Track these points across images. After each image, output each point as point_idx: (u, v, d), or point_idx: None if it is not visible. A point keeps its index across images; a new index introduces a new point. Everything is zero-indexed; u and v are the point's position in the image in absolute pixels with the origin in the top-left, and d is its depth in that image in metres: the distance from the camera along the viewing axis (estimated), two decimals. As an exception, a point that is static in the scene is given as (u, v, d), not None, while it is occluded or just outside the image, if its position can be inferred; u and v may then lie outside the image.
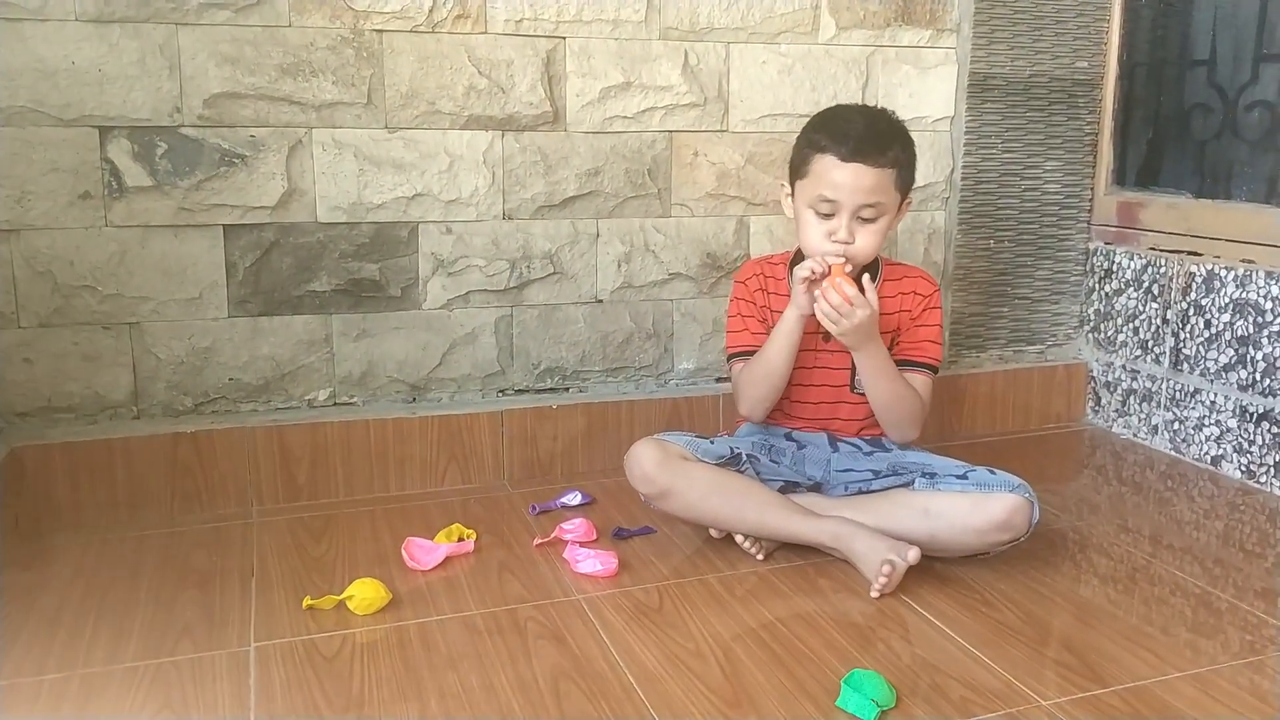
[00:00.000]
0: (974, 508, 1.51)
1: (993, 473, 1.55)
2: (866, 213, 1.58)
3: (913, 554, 1.44)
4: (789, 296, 1.70)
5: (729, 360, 1.74)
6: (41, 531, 1.67)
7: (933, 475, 1.58)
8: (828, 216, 1.59)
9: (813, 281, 1.57)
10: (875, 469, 1.64)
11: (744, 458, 1.62)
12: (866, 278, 1.56)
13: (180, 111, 1.73)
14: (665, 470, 1.56)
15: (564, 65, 1.91)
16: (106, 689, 1.22)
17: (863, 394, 1.69)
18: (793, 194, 1.67)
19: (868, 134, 1.58)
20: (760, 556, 1.58)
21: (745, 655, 1.30)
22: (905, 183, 1.64)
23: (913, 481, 1.58)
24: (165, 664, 1.27)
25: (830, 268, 1.55)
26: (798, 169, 1.64)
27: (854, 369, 1.68)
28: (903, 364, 1.67)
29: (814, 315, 1.58)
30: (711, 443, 1.63)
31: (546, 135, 1.92)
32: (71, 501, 1.71)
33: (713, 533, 1.63)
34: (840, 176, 1.56)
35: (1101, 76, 2.23)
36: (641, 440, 1.61)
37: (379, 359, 1.91)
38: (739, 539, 1.59)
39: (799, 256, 1.74)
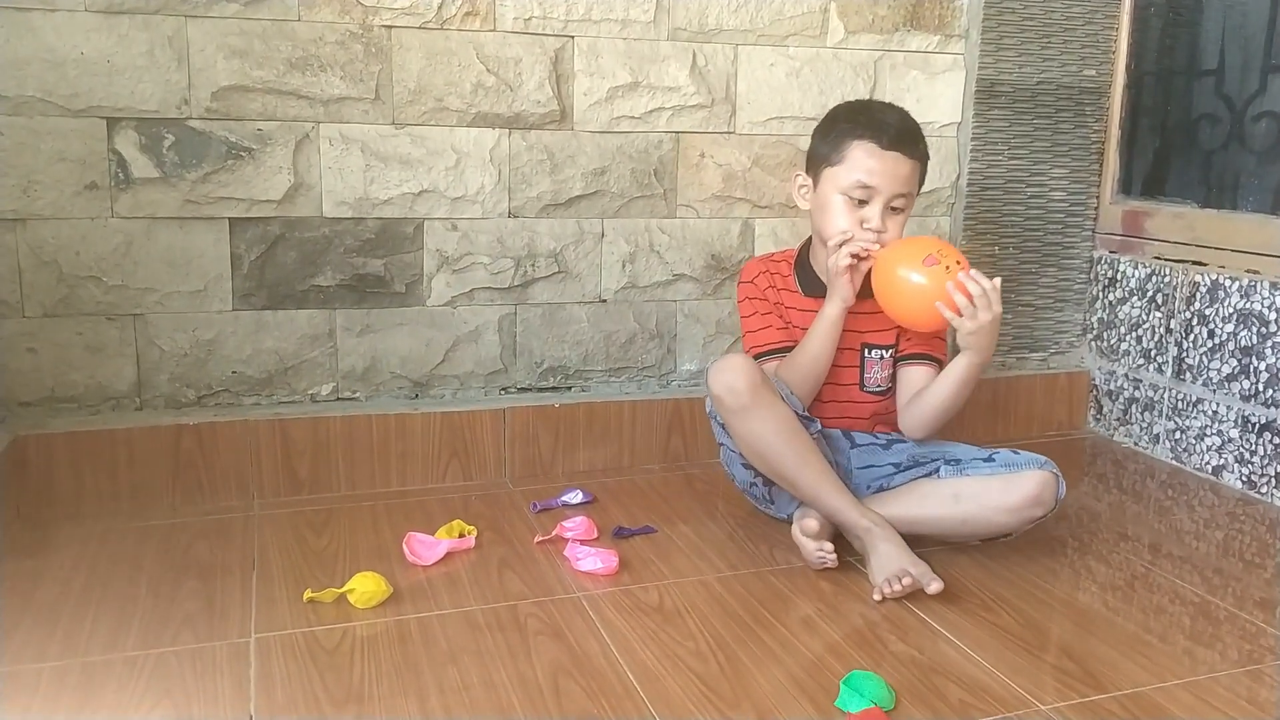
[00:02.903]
0: (1006, 487, 1.53)
1: (1015, 453, 1.57)
2: (898, 202, 1.61)
3: (934, 586, 1.43)
4: (798, 293, 1.70)
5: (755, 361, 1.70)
6: (43, 521, 1.67)
7: (957, 461, 1.58)
8: (860, 204, 1.60)
9: (853, 268, 1.57)
10: (895, 462, 1.64)
11: (819, 424, 1.61)
12: (999, 281, 1.54)
13: (188, 104, 1.73)
14: (757, 390, 1.52)
15: (572, 64, 1.91)
16: (107, 678, 1.22)
17: (873, 393, 1.69)
18: (815, 183, 1.67)
19: (904, 125, 1.63)
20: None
21: (745, 655, 1.30)
22: (922, 180, 1.67)
23: (937, 470, 1.59)
24: (166, 654, 1.27)
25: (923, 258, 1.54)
26: (827, 156, 1.64)
27: (863, 367, 1.68)
28: (919, 357, 1.69)
29: (852, 307, 1.60)
30: (790, 393, 1.61)
31: (553, 134, 1.92)
32: (73, 491, 1.71)
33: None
34: (881, 164, 1.58)
35: (1109, 85, 2.24)
36: (736, 353, 1.59)
37: (382, 354, 1.91)
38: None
39: (804, 254, 1.74)
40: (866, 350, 1.69)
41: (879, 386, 1.71)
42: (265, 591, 1.45)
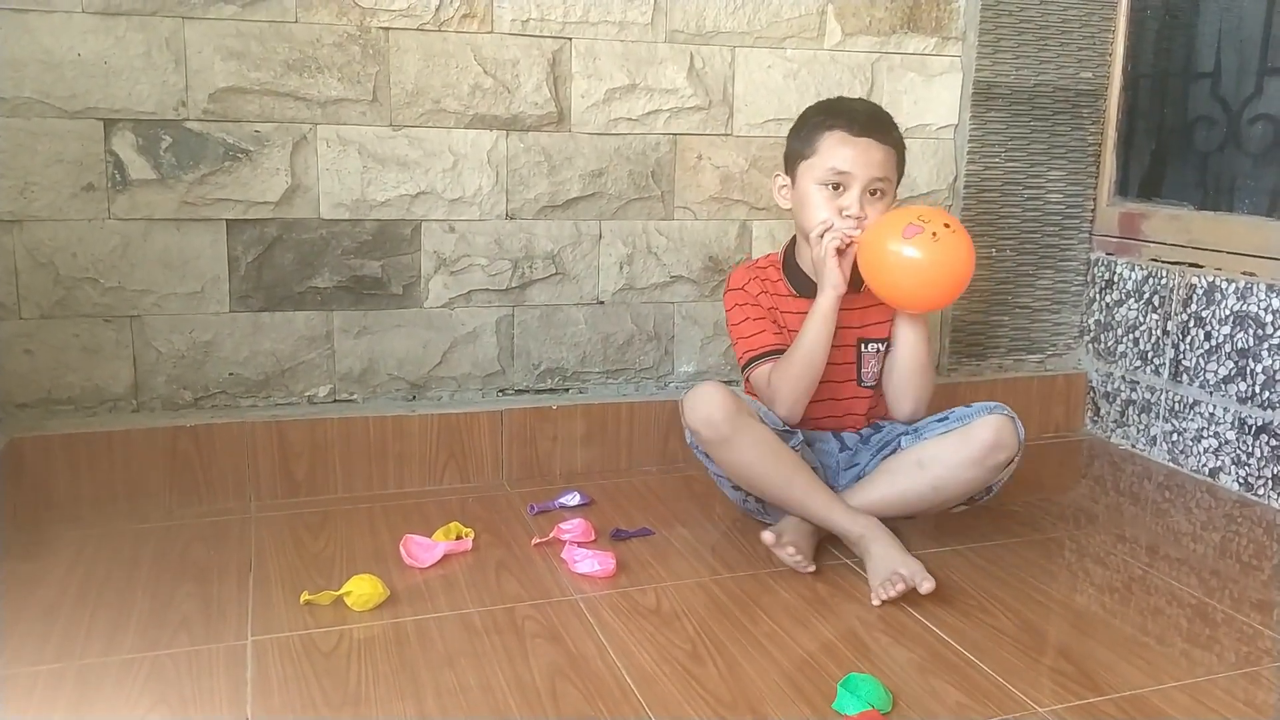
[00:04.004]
0: (962, 440, 1.55)
1: (969, 406, 1.59)
2: (876, 186, 1.61)
3: (926, 585, 1.41)
4: (790, 296, 1.70)
5: (749, 365, 1.68)
6: (40, 522, 1.67)
7: (916, 430, 1.61)
8: (837, 192, 1.61)
9: (840, 253, 1.58)
10: (873, 452, 1.67)
11: (800, 435, 1.61)
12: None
13: (185, 105, 1.73)
14: (734, 419, 1.52)
15: (569, 66, 1.91)
16: (103, 680, 1.22)
17: (869, 388, 1.70)
18: (793, 180, 1.67)
19: (874, 113, 1.66)
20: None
21: (742, 657, 1.30)
22: (901, 170, 1.68)
23: (898, 444, 1.61)
24: (162, 656, 1.27)
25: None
26: (801, 151, 1.65)
27: (859, 362, 1.69)
28: None
29: (846, 303, 1.60)
30: (768, 411, 1.61)
31: (551, 136, 1.92)
32: (70, 493, 1.71)
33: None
34: (853, 151, 1.59)
35: (1106, 87, 2.24)
36: (709, 382, 1.57)
37: (380, 356, 1.91)
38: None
39: (789, 255, 1.74)
40: (863, 345, 1.69)
41: (874, 381, 1.72)
42: (262, 594, 1.44)
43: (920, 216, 1.51)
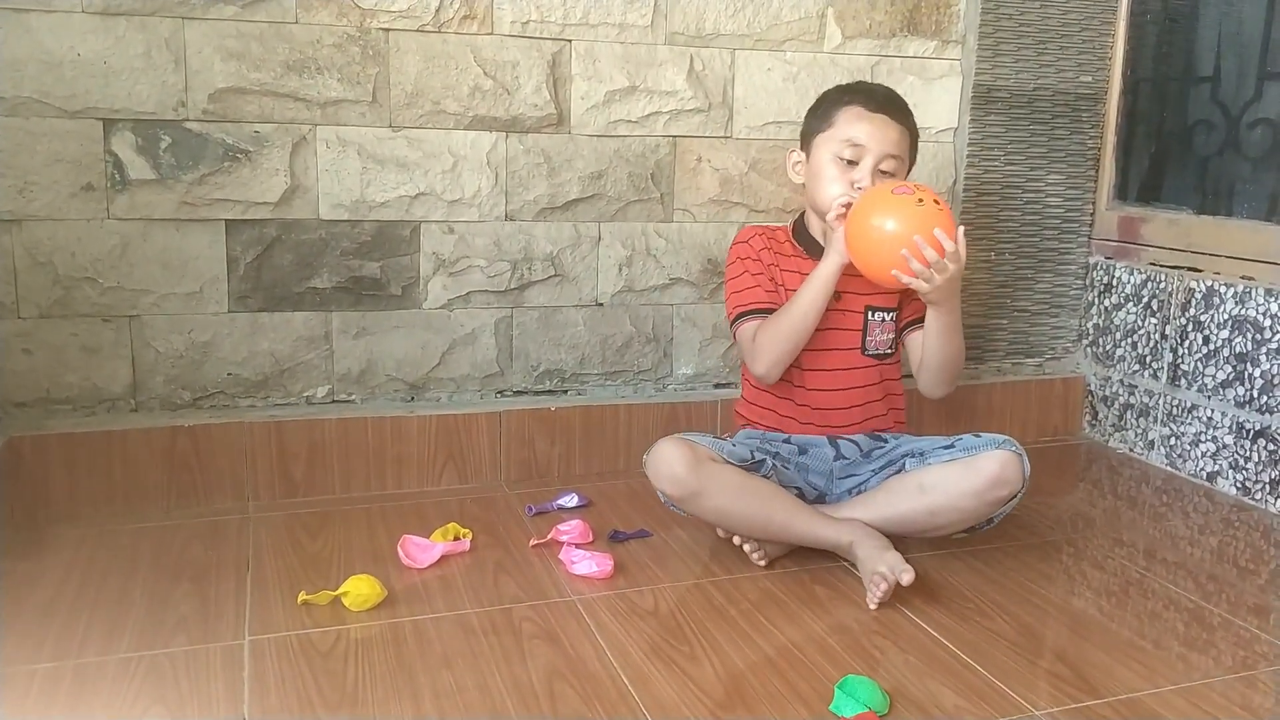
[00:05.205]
0: (966, 471, 1.53)
1: (977, 436, 1.57)
2: (888, 164, 1.62)
3: (906, 577, 1.42)
4: (798, 256, 1.71)
5: (737, 320, 1.69)
6: (38, 522, 1.67)
7: (921, 453, 1.60)
8: (850, 166, 1.62)
9: (844, 219, 1.58)
10: (874, 467, 1.65)
11: (769, 462, 1.60)
12: (962, 230, 1.53)
13: (185, 105, 1.73)
14: (697, 472, 1.51)
15: (569, 68, 1.91)
16: (100, 680, 1.22)
17: (874, 356, 1.70)
18: (808, 155, 1.69)
19: (891, 94, 1.69)
20: (763, 563, 1.56)
21: (739, 659, 1.30)
22: (913, 156, 1.70)
23: (903, 465, 1.60)
24: (159, 656, 1.27)
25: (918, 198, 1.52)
26: (818, 126, 1.67)
27: (865, 331, 1.69)
28: (919, 321, 1.69)
29: (850, 266, 1.58)
30: (733, 445, 1.61)
31: (550, 137, 1.93)
32: (68, 493, 1.71)
33: (720, 533, 1.61)
34: (869, 125, 1.62)
35: (1105, 91, 2.24)
36: (666, 440, 1.55)
37: (378, 357, 1.91)
38: (745, 545, 1.56)
39: (800, 226, 1.74)
40: (870, 313, 1.69)
41: (878, 350, 1.71)
42: (260, 594, 1.44)
43: (914, 185, 1.53)
